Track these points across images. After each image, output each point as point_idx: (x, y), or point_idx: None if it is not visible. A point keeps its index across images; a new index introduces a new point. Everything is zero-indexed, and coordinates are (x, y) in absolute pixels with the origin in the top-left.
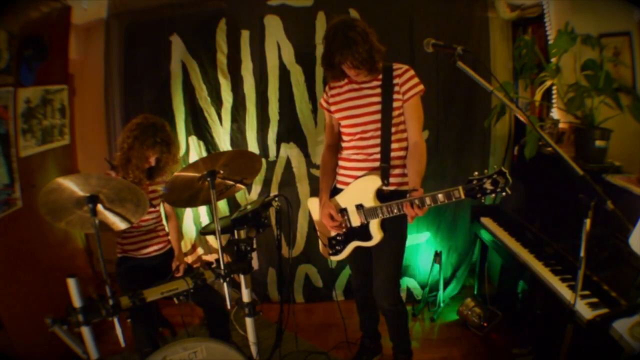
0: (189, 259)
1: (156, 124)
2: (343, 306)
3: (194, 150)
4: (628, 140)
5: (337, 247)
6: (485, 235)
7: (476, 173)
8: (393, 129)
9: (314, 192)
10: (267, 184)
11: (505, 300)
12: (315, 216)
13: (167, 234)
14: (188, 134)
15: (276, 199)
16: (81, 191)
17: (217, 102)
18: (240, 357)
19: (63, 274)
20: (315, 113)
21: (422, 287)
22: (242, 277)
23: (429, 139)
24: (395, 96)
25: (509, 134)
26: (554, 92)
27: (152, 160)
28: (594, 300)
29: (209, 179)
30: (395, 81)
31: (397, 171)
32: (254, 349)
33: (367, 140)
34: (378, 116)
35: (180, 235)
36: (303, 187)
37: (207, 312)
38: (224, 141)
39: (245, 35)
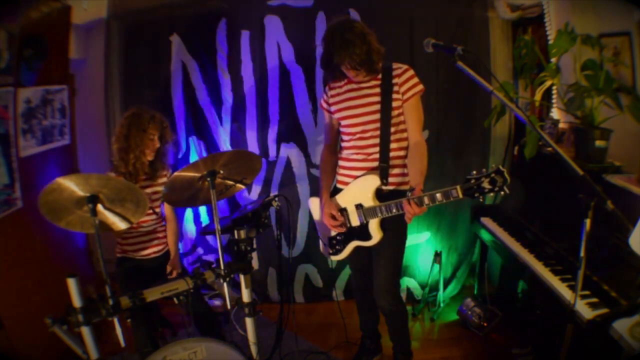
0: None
1: (143, 107)
2: (343, 306)
3: (194, 150)
4: (628, 140)
5: (337, 247)
6: (485, 235)
7: (474, 172)
8: (392, 129)
9: (314, 192)
10: (267, 184)
11: (505, 300)
12: (316, 216)
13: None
14: (188, 134)
15: (276, 199)
16: (81, 191)
17: (217, 102)
18: (240, 357)
19: (63, 274)
20: (315, 113)
21: (422, 287)
22: (242, 277)
23: (429, 139)
24: (394, 96)
25: (509, 134)
26: (554, 92)
27: (155, 142)
28: (594, 300)
29: (209, 179)
30: (395, 81)
31: (396, 171)
32: (254, 349)
33: (367, 140)
34: (377, 116)
35: (178, 238)
36: (303, 187)
37: (195, 321)
38: (224, 141)
39: (245, 35)
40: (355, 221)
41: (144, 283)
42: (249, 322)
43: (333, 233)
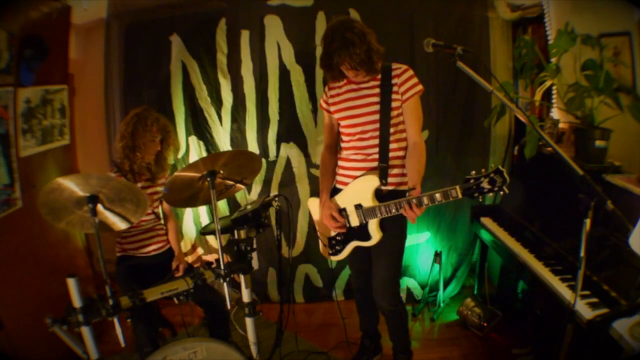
0: (189, 259)
1: (150, 109)
2: (343, 306)
3: (194, 150)
4: (628, 140)
5: (336, 247)
6: (485, 235)
7: (473, 172)
8: (392, 129)
9: (314, 192)
10: (267, 184)
11: (505, 300)
12: (315, 216)
13: (166, 233)
14: (188, 134)
15: (276, 199)
16: (81, 191)
17: (217, 102)
18: (240, 357)
19: (63, 274)
20: (315, 113)
21: (422, 287)
22: (242, 277)
23: (429, 139)
24: (394, 96)
25: (509, 134)
26: (554, 92)
27: (157, 144)
28: (594, 300)
29: (209, 179)
30: (394, 81)
31: (395, 171)
32: (254, 349)
33: (366, 141)
34: (377, 116)
35: (179, 235)
36: (303, 187)
37: (207, 311)
38: (224, 141)
39: (245, 35)
40: (354, 221)
41: (146, 281)
42: (249, 322)
43: (332, 233)
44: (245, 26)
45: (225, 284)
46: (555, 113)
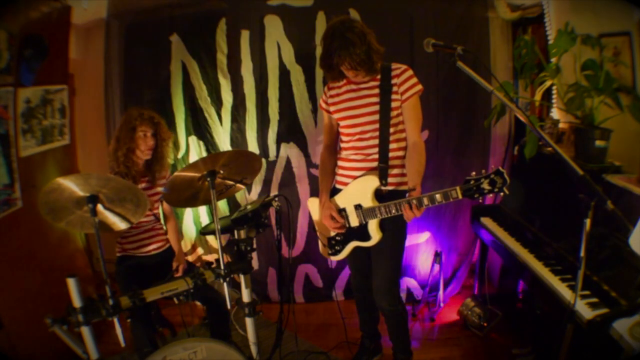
0: (189, 259)
1: (138, 107)
2: (343, 306)
3: (194, 150)
4: (628, 140)
5: (336, 247)
6: (485, 235)
7: (473, 173)
8: (391, 129)
9: (314, 192)
10: (267, 184)
11: (505, 300)
12: (315, 216)
13: (166, 233)
14: (188, 134)
15: (276, 199)
16: (81, 191)
17: (217, 102)
18: (240, 357)
19: (63, 274)
20: (315, 113)
21: (422, 287)
22: (242, 277)
23: (429, 139)
24: (393, 96)
25: (509, 134)
26: (554, 92)
27: (149, 139)
28: (594, 300)
29: (209, 179)
30: (394, 81)
31: (395, 171)
32: (254, 349)
33: (366, 141)
34: (376, 116)
35: (179, 235)
36: (303, 187)
37: (210, 309)
38: (224, 141)
39: (245, 35)
40: (354, 222)
41: (146, 281)
42: (249, 322)
43: (332, 233)
44: (245, 26)
45: (225, 284)
46: (555, 113)
